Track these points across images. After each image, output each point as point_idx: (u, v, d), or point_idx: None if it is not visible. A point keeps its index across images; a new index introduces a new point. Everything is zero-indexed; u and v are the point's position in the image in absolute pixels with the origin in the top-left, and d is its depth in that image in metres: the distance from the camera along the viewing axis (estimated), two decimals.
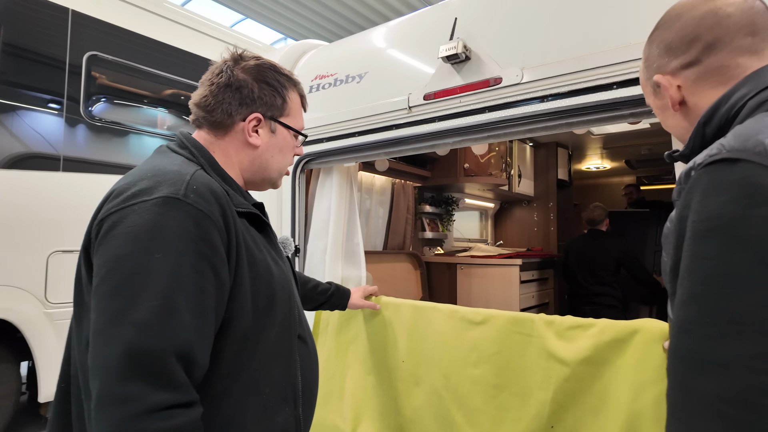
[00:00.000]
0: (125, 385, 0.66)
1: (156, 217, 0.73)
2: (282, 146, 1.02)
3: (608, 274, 3.40)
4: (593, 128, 4.07)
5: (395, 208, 3.27)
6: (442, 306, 1.57)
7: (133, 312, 0.68)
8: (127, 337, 0.67)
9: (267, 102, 0.98)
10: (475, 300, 3.31)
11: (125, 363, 0.66)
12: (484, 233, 4.77)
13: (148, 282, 0.70)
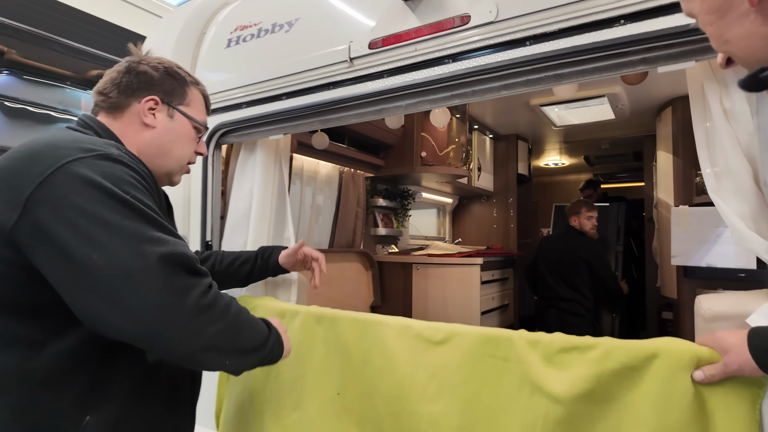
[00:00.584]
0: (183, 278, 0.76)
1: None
2: (180, 134, 1.03)
3: (578, 278, 3.14)
4: (557, 115, 3.86)
5: (343, 200, 2.87)
6: (392, 319, 1.19)
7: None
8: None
9: (166, 89, 1.02)
10: (432, 303, 2.96)
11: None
12: (441, 230, 4.46)
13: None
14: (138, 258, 0.72)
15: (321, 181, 2.79)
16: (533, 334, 1.00)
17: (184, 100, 1.03)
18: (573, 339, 0.96)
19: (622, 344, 0.90)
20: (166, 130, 1.00)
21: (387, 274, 3.14)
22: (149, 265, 0.72)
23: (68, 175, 0.74)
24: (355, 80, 1.29)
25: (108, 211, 0.73)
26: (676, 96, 3.21)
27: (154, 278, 0.71)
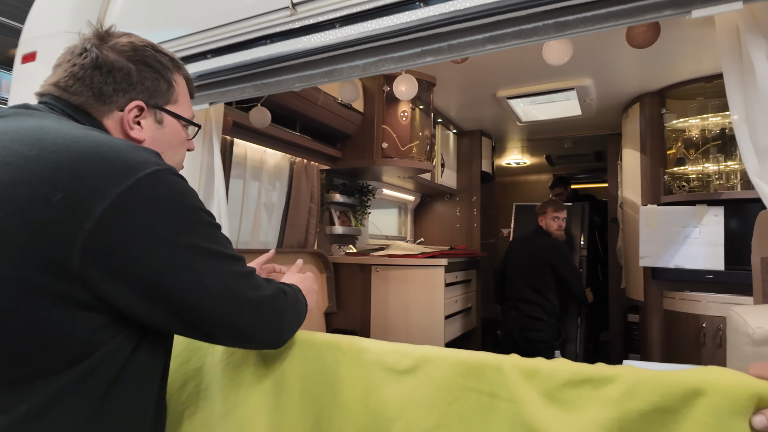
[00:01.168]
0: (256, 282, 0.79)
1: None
2: (172, 140, 0.86)
3: (540, 281, 2.99)
4: (522, 112, 3.71)
5: (295, 194, 2.55)
6: (343, 339, 0.91)
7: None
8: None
9: (149, 87, 0.82)
10: (393, 308, 2.70)
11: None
12: (402, 230, 4.22)
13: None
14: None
15: (268, 172, 2.46)
16: (529, 361, 0.75)
17: (171, 97, 0.86)
18: (584, 369, 0.71)
19: (652, 377, 0.67)
20: (155, 141, 0.83)
21: (344, 276, 2.86)
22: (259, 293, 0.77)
23: (161, 186, 0.67)
24: (299, 32, 1.00)
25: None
26: (644, 92, 3.12)
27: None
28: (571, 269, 3.04)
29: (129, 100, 0.79)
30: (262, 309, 0.77)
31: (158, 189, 0.65)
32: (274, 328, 0.80)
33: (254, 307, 0.75)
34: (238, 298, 0.73)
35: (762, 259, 1.57)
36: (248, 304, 0.74)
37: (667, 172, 3.00)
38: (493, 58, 2.64)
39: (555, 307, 3.01)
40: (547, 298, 2.99)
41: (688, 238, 2.77)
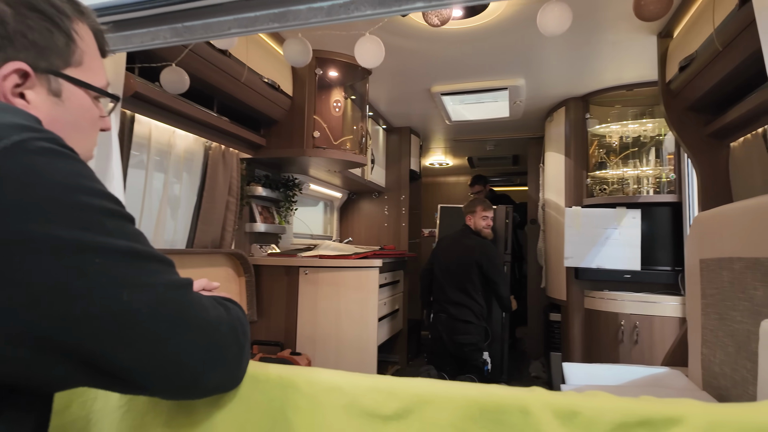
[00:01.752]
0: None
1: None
2: (77, 119, 0.60)
3: (469, 282, 2.92)
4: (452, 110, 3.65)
5: (210, 185, 2.19)
6: (302, 374, 0.66)
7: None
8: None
9: (37, 42, 0.55)
10: (323, 315, 2.45)
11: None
12: (328, 228, 3.96)
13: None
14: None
15: (178, 157, 2.07)
16: (563, 398, 0.57)
17: (72, 57, 0.59)
18: (635, 407, 0.55)
19: (730, 417, 0.52)
20: (51, 122, 0.56)
21: (266, 280, 2.54)
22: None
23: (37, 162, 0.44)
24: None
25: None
26: (570, 96, 3.22)
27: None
28: (499, 271, 3.00)
29: (2, 61, 0.53)
30: (212, 336, 0.53)
31: (33, 166, 0.43)
32: (228, 363, 0.56)
33: (200, 333, 0.52)
34: (178, 320, 0.49)
35: (701, 261, 1.60)
36: (191, 329, 0.51)
37: (589, 175, 3.11)
38: (431, 50, 2.51)
39: (483, 308, 2.97)
40: (476, 299, 2.93)
41: (609, 239, 2.89)
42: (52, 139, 0.46)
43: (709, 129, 2.04)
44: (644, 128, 2.91)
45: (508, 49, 2.49)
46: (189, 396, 0.57)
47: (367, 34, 1.36)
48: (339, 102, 2.69)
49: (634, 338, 2.69)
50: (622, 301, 2.78)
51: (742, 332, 1.28)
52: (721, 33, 1.60)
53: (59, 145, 0.46)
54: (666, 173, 2.78)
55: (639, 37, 2.31)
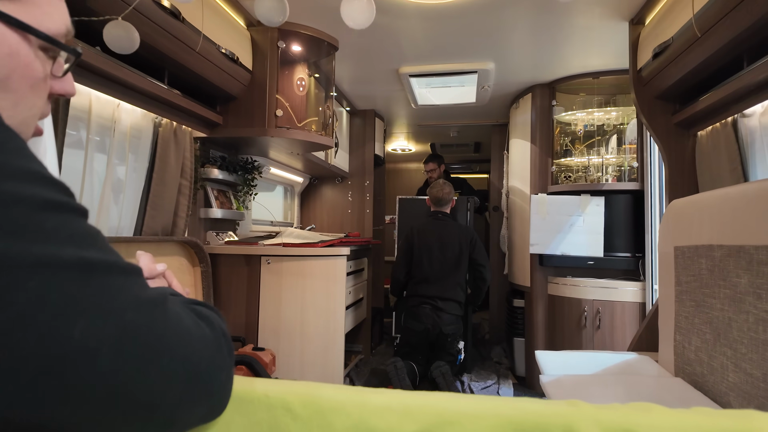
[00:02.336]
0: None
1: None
2: (6, 73, 0.41)
3: (459, 272, 2.87)
4: (419, 94, 3.55)
5: (160, 166, 1.97)
6: (296, 393, 0.54)
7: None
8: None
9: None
10: (287, 307, 2.30)
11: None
12: (289, 215, 3.78)
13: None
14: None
15: (123, 134, 1.84)
16: (609, 411, 0.49)
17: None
18: (703, 421, 0.48)
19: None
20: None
21: (223, 270, 2.35)
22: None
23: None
24: None
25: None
26: (537, 83, 3.20)
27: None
28: (485, 254, 2.99)
29: None
30: (195, 366, 0.41)
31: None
32: (214, 395, 0.44)
33: (180, 366, 0.39)
34: (151, 355, 0.37)
35: (675, 248, 1.61)
36: (169, 363, 0.38)
37: (554, 162, 3.12)
38: (401, 27, 2.38)
39: (464, 297, 2.96)
40: (464, 289, 2.92)
41: (573, 226, 2.92)
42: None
43: (677, 118, 2.07)
44: (608, 116, 2.94)
45: (479, 29, 2.41)
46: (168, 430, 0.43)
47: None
48: (303, 80, 2.52)
49: (597, 323, 2.75)
50: (585, 287, 2.83)
51: (722, 320, 1.29)
52: (700, 19, 1.59)
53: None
54: (628, 161, 2.83)
55: (610, 24, 2.30)
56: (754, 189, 1.17)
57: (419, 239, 2.93)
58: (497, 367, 3.48)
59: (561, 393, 1.38)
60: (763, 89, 1.54)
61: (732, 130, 1.74)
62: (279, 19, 1.38)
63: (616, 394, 1.38)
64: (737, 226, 1.22)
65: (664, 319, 1.67)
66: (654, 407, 0.50)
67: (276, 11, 1.33)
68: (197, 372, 0.40)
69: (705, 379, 1.37)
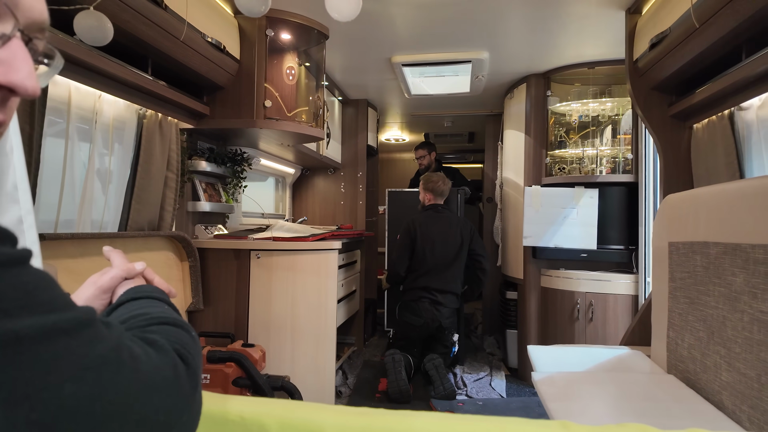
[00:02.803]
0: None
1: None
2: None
3: (459, 266, 2.93)
4: (412, 83, 3.49)
5: (145, 158, 1.91)
6: (272, 413, 0.51)
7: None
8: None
9: None
10: (277, 302, 2.27)
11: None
12: (280, 206, 3.73)
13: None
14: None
15: (105, 126, 1.78)
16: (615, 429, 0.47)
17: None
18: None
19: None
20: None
21: (212, 265, 2.31)
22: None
23: None
24: None
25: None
26: (531, 73, 3.15)
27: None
28: (483, 245, 3.05)
29: None
30: (150, 422, 0.38)
31: None
32: (183, 425, 0.42)
33: (134, 425, 0.36)
34: (114, 414, 0.34)
35: (670, 244, 1.59)
36: (133, 416, 0.36)
37: (548, 154, 3.09)
38: (394, 15, 2.32)
39: (461, 290, 3.00)
40: (461, 281, 2.97)
41: (567, 218, 2.90)
42: None
43: (673, 110, 2.04)
44: (603, 107, 2.91)
45: (473, 18, 2.35)
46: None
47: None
48: (293, 69, 2.45)
49: (589, 316, 2.75)
50: (578, 280, 2.82)
51: (716, 318, 1.27)
52: (699, 8, 1.55)
53: None
54: (623, 153, 2.80)
55: (607, 13, 2.25)
56: (752, 186, 1.14)
57: (422, 232, 2.94)
58: (490, 358, 3.49)
59: (553, 392, 1.36)
60: (762, 82, 1.51)
61: (728, 123, 1.72)
62: (260, 9, 1.32)
63: (608, 393, 1.36)
64: (734, 224, 1.20)
65: (657, 315, 1.66)
66: (648, 429, 0.47)
67: (257, 1, 1.27)
68: (153, 427, 0.37)
69: (698, 377, 1.36)
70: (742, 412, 1.11)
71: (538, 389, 1.42)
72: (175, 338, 0.46)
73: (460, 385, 2.91)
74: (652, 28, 1.92)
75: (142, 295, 0.59)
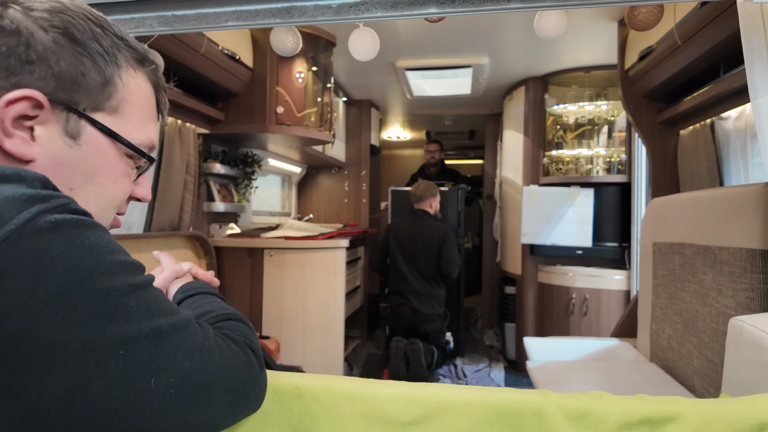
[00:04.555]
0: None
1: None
2: (93, 169, 0.51)
3: (431, 267, 2.87)
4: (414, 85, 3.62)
5: (166, 163, 2.05)
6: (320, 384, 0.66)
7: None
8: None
9: (63, 74, 0.47)
10: (289, 297, 2.42)
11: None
12: (286, 205, 3.86)
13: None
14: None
15: None
16: (575, 400, 0.61)
17: (106, 100, 0.51)
18: (639, 407, 0.60)
19: (720, 415, 0.57)
20: (59, 165, 0.48)
21: (227, 262, 2.46)
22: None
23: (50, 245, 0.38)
24: None
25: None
26: (530, 76, 3.28)
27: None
28: (455, 256, 2.94)
29: (13, 87, 0.45)
30: (236, 390, 0.52)
31: (45, 252, 0.37)
32: (252, 404, 0.56)
33: (226, 393, 0.51)
34: (204, 389, 0.48)
35: (654, 243, 1.73)
36: (218, 392, 0.50)
37: (546, 154, 3.23)
38: (396, 26, 2.45)
39: (443, 292, 2.96)
40: (441, 285, 2.92)
41: (563, 217, 3.04)
42: (64, 205, 0.41)
43: (661, 117, 2.17)
44: (599, 109, 3.03)
45: (474, 26, 2.48)
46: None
47: (362, 26, 1.30)
48: (302, 73, 2.58)
49: (584, 310, 2.90)
50: (574, 275, 2.97)
51: (690, 311, 1.42)
52: (681, 28, 1.68)
53: (72, 212, 0.41)
54: (617, 153, 2.94)
55: (600, 23, 2.38)
56: (721, 195, 1.28)
57: (394, 234, 2.96)
58: (489, 350, 3.64)
59: (545, 378, 1.51)
60: (738, 96, 1.64)
61: (710, 131, 1.85)
62: (293, 50, 1.46)
63: (594, 379, 1.51)
64: (705, 228, 1.34)
65: (643, 309, 1.80)
66: (605, 395, 0.61)
67: (291, 44, 1.41)
68: (237, 394, 0.51)
69: (674, 365, 1.50)
70: (710, 394, 1.26)
71: (531, 376, 1.57)
72: (240, 332, 0.60)
73: (461, 375, 3.07)
74: (641, 41, 2.05)
75: (195, 291, 0.74)
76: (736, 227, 1.17)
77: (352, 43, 1.39)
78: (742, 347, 0.81)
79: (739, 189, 1.20)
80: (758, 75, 0.84)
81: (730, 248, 1.19)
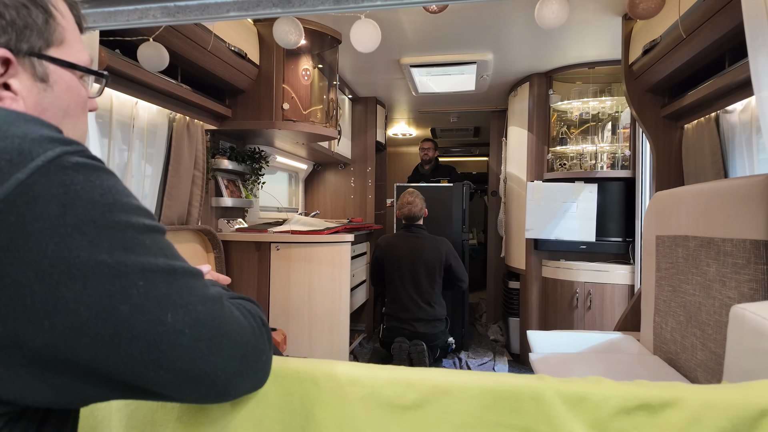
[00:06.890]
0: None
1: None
2: (69, 104, 0.55)
3: (436, 287, 2.69)
4: (419, 82, 3.63)
5: (175, 159, 2.08)
6: (321, 368, 0.68)
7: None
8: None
9: (16, 22, 0.49)
10: (295, 290, 2.45)
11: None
12: (293, 200, 3.89)
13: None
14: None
15: (140, 129, 1.95)
16: (573, 385, 0.63)
17: (54, 35, 0.53)
18: (638, 392, 0.61)
19: (720, 400, 0.59)
20: (42, 111, 0.52)
21: (235, 256, 2.49)
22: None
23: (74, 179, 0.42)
24: None
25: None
26: (534, 72, 3.28)
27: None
28: (462, 267, 2.83)
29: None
30: (245, 348, 0.54)
31: (71, 185, 0.41)
32: (258, 371, 0.58)
33: (235, 348, 0.53)
34: (216, 337, 0.50)
35: (657, 236, 1.73)
36: (228, 344, 0.52)
37: (550, 150, 3.22)
38: (403, 20, 2.46)
39: (444, 308, 2.77)
40: (442, 304, 2.75)
41: (567, 212, 3.04)
42: (83, 151, 0.44)
43: (665, 111, 2.17)
44: (603, 105, 3.03)
45: (478, 22, 2.48)
46: (217, 402, 0.57)
47: (363, 18, 1.32)
48: (308, 70, 2.60)
49: (588, 305, 2.90)
50: (578, 270, 2.97)
51: (693, 304, 1.42)
52: (685, 21, 1.68)
53: (90, 158, 0.44)
54: (621, 149, 2.93)
55: (604, 18, 2.37)
56: (724, 186, 1.29)
57: (388, 255, 2.74)
58: (493, 344, 3.66)
59: (547, 369, 1.53)
60: (743, 88, 1.64)
61: (715, 124, 1.85)
62: (296, 42, 1.48)
63: (596, 371, 1.52)
64: (709, 220, 1.35)
65: (646, 302, 1.81)
66: (603, 380, 0.63)
67: (294, 35, 1.43)
68: (246, 353, 0.53)
69: (678, 357, 1.51)
70: None
71: (534, 367, 1.59)
72: (252, 308, 0.63)
73: (465, 368, 3.09)
74: (645, 35, 2.05)
75: (221, 290, 0.77)
76: (740, 218, 1.18)
77: (354, 35, 1.41)
78: (744, 335, 0.82)
79: (743, 180, 1.21)
80: (762, 64, 0.85)
81: (734, 240, 1.19)
